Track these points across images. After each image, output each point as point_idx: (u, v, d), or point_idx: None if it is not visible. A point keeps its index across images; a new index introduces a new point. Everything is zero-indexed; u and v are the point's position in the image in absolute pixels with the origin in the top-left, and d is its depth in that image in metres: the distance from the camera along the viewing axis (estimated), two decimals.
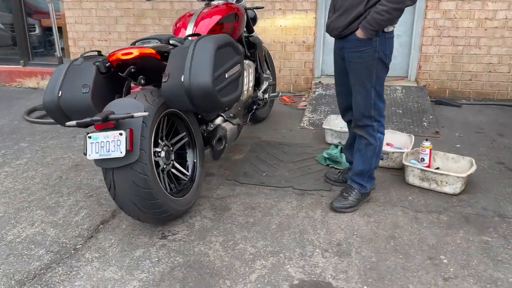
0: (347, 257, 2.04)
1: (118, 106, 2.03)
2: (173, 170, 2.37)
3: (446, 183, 2.60)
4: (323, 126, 3.50)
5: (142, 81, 2.36)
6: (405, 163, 2.75)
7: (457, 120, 4.09)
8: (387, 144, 3.13)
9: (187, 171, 2.49)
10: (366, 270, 1.95)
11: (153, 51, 2.18)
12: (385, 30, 2.21)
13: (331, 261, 2.00)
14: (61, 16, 5.92)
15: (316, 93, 4.64)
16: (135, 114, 1.92)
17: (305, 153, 3.31)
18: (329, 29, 2.37)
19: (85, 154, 1.97)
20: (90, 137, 1.96)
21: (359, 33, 2.19)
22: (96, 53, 2.43)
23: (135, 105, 2.03)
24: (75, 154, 3.37)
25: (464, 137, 3.62)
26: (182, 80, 2.02)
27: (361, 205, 2.47)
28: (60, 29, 6.17)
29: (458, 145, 3.41)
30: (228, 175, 2.93)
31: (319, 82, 4.89)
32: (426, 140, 2.85)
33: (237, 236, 2.21)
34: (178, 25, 2.97)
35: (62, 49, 6.28)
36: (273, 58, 4.82)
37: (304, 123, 4.03)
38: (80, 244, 2.16)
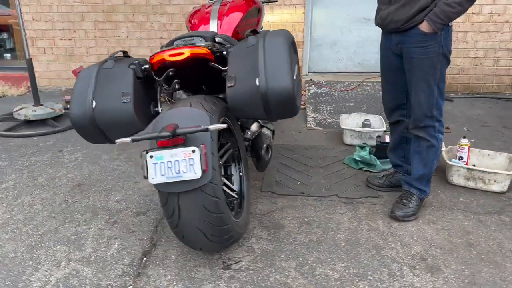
0: (439, 272, 1.87)
1: (179, 118, 1.69)
2: (224, 188, 2.06)
3: (494, 181, 2.53)
4: (342, 127, 3.33)
5: (177, 86, 2.03)
6: (449, 162, 2.65)
7: (456, 114, 4.11)
8: None
9: (234, 186, 2.20)
10: (466, 285, 1.79)
11: (207, 50, 1.86)
12: (449, 23, 2.07)
13: (426, 279, 1.82)
14: (12, 14, 5.23)
15: (312, 91, 4.46)
16: (210, 127, 1.60)
17: (329, 156, 3.12)
18: (385, 22, 2.18)
19: (146, 178, 1.62)
20: (151, 157, 1.61)
21: (425, 27, 2.02)
22: (121, 54, 2.06)
23: (199, 115, 1.70)
24: (71, 172, 2.91)
25: (473, 132, 3.63)
26: (257, 84, 1.71)
27: (420, 211, 2.33)
28: (9, 28, 5.49)
29: (473, 140, 3.40)
30: (261, 186, 2.66)
31: (310, 80, 4.72)
32: (464, 137, 2.77)
33: (309, 259, 1.95)
34: (194, 21, 2.65)
35: (13, 49, 5.58)
36: None
37: (310, 124, 3.83)
38: (130, 285, 1.80)
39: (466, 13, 4.47)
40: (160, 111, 2.02)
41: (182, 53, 1.81)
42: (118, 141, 1.63)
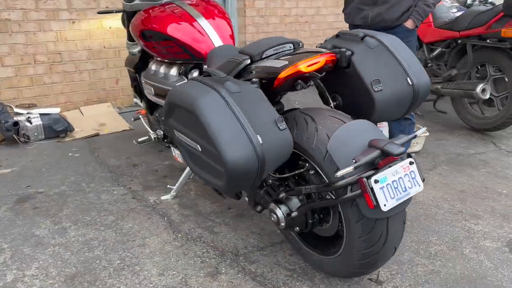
0: None
1: (360, 132, 1.53)
2: None
3: (417, 143, 3.29)
4: None
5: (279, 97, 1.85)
6: None
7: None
8: None
9: None
10: None
11: (334, 56, 1.70)
12: None
13: None
14: None
15: None
16: (418, 133, 1.55)
17: None
18: (374, 21, 2.50)
19: (375, 207, 1.40)
20: (376, 181, 1.40)
21: (410, 24, 2.49)
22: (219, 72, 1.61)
23: (371, 126, 1.56)
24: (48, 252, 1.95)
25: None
26: (410, 82, 1.71)
27: None
28: None
29: None
30: None
31: None
32: None
33: None
34: (162, 23, 2.25)
35: None
36: (106, 67, 4.14)
37: None
38: None
39: (280, 14, 5.27)
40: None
41: (318, 62, 1.62)
42: (339, 173, 1.38)
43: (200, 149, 1.51)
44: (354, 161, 1.40)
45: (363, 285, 1.80)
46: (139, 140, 2.63)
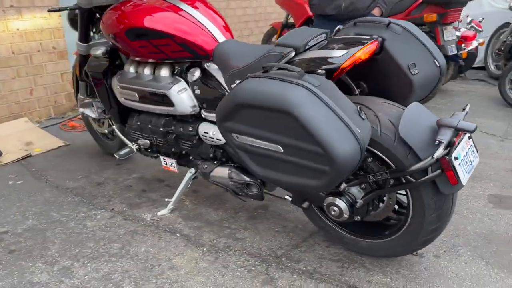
0: None
1: (422, 114, 1.58)
2: None
3: None
4: None
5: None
6: None
7: None
8: None
9: None
10: None
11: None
12: None
13: None
14: None
15: None
16: (467, 109, 1.64)
17: None
18: (347, 10, 2.59)
19: (460, 182, 1.48)
20: (456, 159, 1.46)
21: (377, 12, 2.64)
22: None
23: (424, 108, 1.64)
24: None
25: None
26: (438, 64, 1.80)
27: None
28: None
29: None
30: None
31: None
32: None
33: None
34: (144, 9, 2.03)
35: None
36: (18, 76, 3.62)
37: None
38: None
39: None
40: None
41: (373, 49, 1.61)
42: (436, 155, 1.41)
43: (282, 151, 1.41)
44: (437, 142, 1.45)
45: (407, 259, 1.88)
46: (121, 153, 2.32)
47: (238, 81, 1.58)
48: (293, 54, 1.63)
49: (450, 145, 1.48)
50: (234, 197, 2.41)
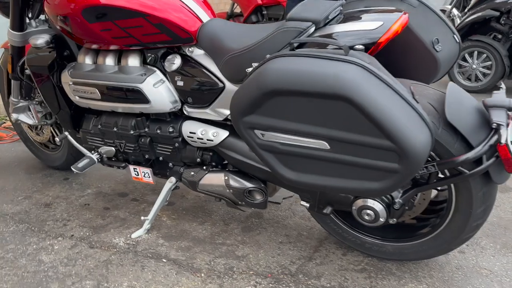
0: None
1: (461, 95, 1.36)
2: None
3: None
4: None
5: None
6: None
7: None
8: None
9: None
10: None
11: None
12: None
13: None
14: None
15: None
16: (503, 86, 1.45)
17: None
18: None
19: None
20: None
21: None
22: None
23: (458, 87, 1.43)
24: None
25: None
26: (457, 40, 1.62)
27: None
28: None
29: None
30: None
31: None
32: None
33: None
34: None
35: None
36: None
37: None
38: None
39: None
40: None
41: (406, 21, 1.36)
42: (503, 139, 1.19)
43: (328, 148, 1.11)
44: (495, 125, 1.24)
45: (434, 260, 1.68)
46: (79, 166, 1.87)
47: (254, 64, 1.26)
48: (313, 29, 1.34)
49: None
50: (220, 207, 2.08)
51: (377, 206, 1.41)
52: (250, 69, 1.35)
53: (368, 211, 1.42)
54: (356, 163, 1.12)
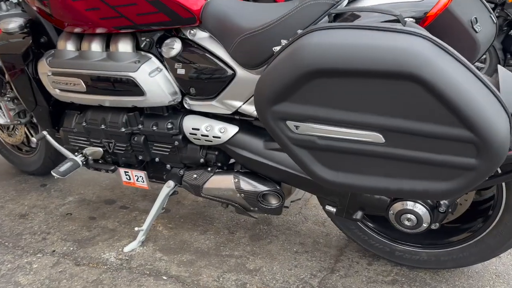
0: None
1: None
2: None
3: None
4: None
5: None
6: None
7: None
8: None
9: None
10: None
11: None
12: None
13: None
14: None
15: None
16: None
17: None
18: None
19: None
20: None
21: None
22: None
23: None
24: None
25: None
26: (494, 20, 1.43)
27: None
28: None
29: None
30: None
31: None
32: None
33: None
34: None
35: None
36: None
37: None
38: None
39: None
40: None
41: None
42: None
43: (383, 141, 0.90)
44: None
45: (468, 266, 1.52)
46: (61, 170, 1.60)
47: (284, 41, 1.04)
48: (346, 1, 1.14)
49: None
50: (222, 213, 1.86)
51: (420, 209, 1.21)
52: (277, 48, 1.13)
53: (409, 216, 1.23)
54: (417, 159, 0.91)
